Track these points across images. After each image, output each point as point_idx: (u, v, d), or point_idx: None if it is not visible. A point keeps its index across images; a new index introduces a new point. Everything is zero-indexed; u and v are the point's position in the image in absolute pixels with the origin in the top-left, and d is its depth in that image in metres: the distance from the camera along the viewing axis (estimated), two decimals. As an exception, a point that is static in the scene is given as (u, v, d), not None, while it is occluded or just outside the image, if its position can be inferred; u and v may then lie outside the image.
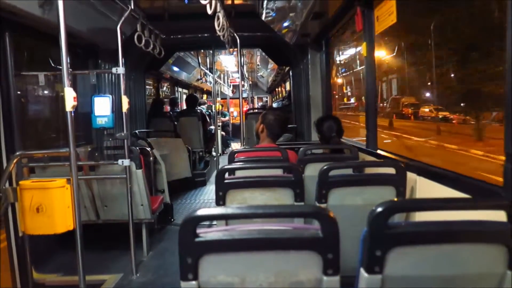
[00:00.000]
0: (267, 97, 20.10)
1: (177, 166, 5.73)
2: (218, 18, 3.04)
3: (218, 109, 10.34)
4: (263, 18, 3.95)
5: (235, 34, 4.06)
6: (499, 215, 1.06)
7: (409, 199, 1.96)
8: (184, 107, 8.21)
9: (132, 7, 3.11)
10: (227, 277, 1.05)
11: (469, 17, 2.70)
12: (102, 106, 3.02)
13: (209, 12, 2.66)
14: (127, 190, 3.05)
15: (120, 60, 2.98)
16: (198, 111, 7.28)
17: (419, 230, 1.05)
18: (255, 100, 20.28)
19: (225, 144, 11.24)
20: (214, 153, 7.56)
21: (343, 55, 6.41)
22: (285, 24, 4.26)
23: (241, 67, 6.16)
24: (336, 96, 7.26)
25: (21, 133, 2.92)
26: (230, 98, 17.60)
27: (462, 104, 3.42)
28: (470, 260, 1.05)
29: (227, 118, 14.54)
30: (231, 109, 16.84)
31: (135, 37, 3.57)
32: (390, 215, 1.02)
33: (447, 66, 3.36)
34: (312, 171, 2.39)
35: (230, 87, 17.20)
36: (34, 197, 2.44)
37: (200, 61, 9.73)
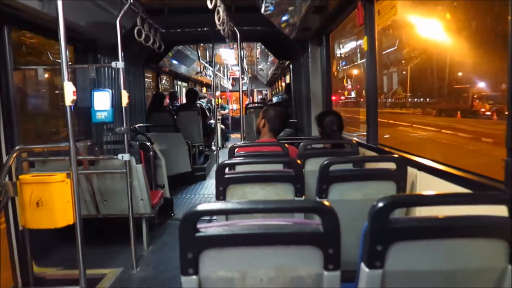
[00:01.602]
0: (266, 90, 20.04)
1: (177, 160, 5.72)
2: (218, 12, 3.03)
3: (218, 102, 10.33)
4: (262, 12, 3.92)
5: (235, 28, 4.04)
6: (500, 210, 1.06)
7: (410, 194, 1.96)
8: (184, 101, 8.20)
9: (132, 1, 3.08)
10: (228, 272, 1.05)
11: None
12: (102, 101, 3.02)
13: (210, 6, 2.65)
14: (127, 184, 3.05)
15: (120, 54, 2.97)
16: (198, 105, 7.27)
17: (420, 225, 1.05)
18: (255, 93, 20.24)
19: (225, 138, 11.23)
20: (213, 147, 7.55)
21: (344, 49, 6.32)
22: (285, 18, 4.24)
23: (241, 61, 6.13)
24: (345, 93, 7.00)
25: (21, 127, 2.92)
26: (230, 91, 17.57)
27: None
28: (471, 255, 1.05)
29: (226, 111, 14.55)
30: (230, 106, 16.81)
31: (135, 31, 3.55)
32: (391, 210, 1.02)
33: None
34: (312, 166, 2.39)
35: (229, 80, 17.16)
36: (34, 192, 2.44)
37: (199, 54, 9.70)
